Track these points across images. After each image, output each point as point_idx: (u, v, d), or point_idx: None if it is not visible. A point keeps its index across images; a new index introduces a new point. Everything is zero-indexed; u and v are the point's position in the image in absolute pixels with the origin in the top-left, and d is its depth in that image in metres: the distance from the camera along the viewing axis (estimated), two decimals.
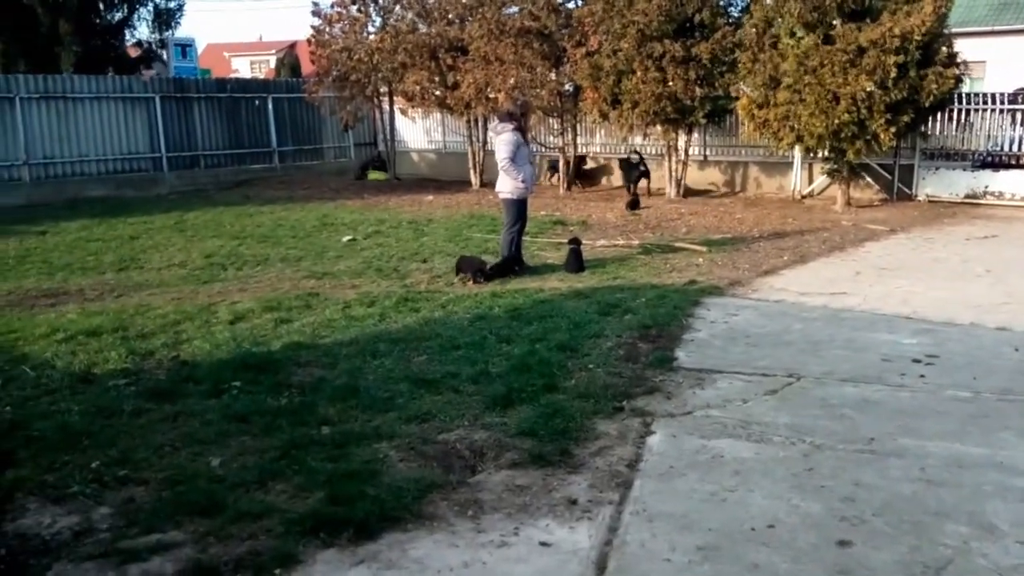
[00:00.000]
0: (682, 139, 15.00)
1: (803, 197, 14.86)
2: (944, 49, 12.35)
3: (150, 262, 9.78)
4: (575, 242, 8.69)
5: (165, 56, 26.08)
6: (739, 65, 13.17)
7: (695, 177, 16.10)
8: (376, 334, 6.23)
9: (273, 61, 46.01)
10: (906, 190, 14.25)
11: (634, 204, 13.67)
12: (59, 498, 3.71)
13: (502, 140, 8.25)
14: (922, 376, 5.21)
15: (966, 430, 4.35)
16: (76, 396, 5.00)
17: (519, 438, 4.22)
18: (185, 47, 26.86)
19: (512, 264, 8.41)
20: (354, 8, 17.57)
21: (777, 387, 5.04)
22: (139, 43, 25.08)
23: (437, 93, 16.73)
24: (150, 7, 24.24)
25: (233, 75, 42.05)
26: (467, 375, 5.18)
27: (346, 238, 11.04)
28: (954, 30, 13.17)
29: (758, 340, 6.05)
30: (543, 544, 3.27)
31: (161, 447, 4.23)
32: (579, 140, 17.37)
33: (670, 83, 13.52)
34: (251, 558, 3.15)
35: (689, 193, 15.36)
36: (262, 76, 42.16)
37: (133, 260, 9.92)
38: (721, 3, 14.24)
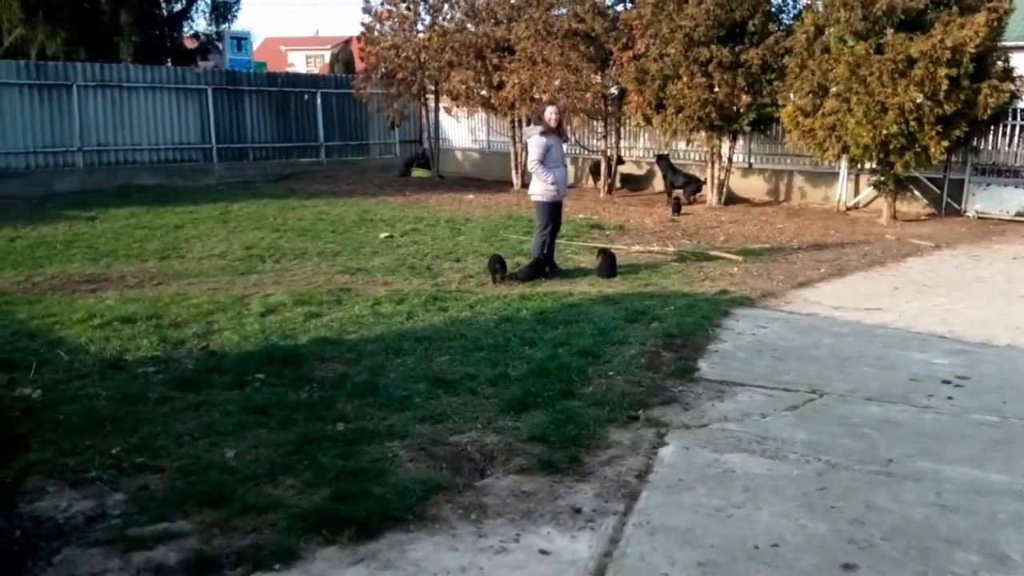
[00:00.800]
0: (726, 146, 14.82)
1: (848, 209, 14.56)
2: (999, 63, 12.04)
3: (192, 251, 10.00)
4: (608, 248, 8.66)
5: (221, 48, 26.62)
6: (787, 71, 12.95)
7: (739, 185, 15.89)
8: (402, 332, 6.29)
9: (328, 56, 46.63)
10: (955, 205, 13.88)
11: (676, 208, 13.55)
12: (77, 482, 3.81)
13: (532, 143, 8.27)
14: (950, 398, 5.08)
15: (988, 455, 4.23)
16: (105, 382, 5.13)
17: (530, 443, 4.22)
18: (240, 40, 27.32)
19: (543, 266, 8.40)
20: (403, 6, 17.72)
21: (798, 403, 4.95)
22: (196, 35, 25.66)
23: (482, 93, 16.78)
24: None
25: (288, 69, 42.72)
26: (486, 377, 5.19)
27: (383, 235, 11.15)
28: (1019, 43, 12.78)
29: (784, 354, 5.96)
30: (542, 552, 3.27)
31: (180, 436, 4.32)
32: (622, 144, 17.26)
33: (716, 89, 13.38)
34: (252, 552, 3.20)
35: (732, 200, 15.17)
36: (317, 71, 42.78)
37: (176, 249, 10.15)
38: (773, 9, 14.03)
